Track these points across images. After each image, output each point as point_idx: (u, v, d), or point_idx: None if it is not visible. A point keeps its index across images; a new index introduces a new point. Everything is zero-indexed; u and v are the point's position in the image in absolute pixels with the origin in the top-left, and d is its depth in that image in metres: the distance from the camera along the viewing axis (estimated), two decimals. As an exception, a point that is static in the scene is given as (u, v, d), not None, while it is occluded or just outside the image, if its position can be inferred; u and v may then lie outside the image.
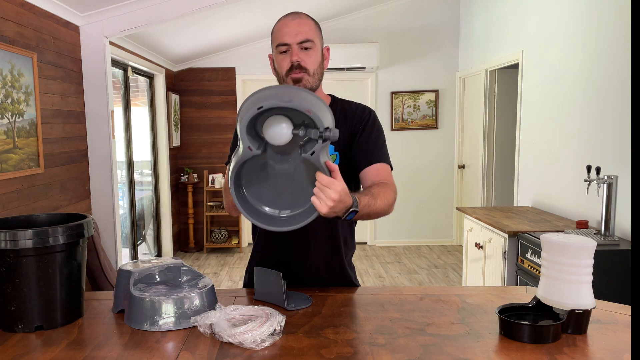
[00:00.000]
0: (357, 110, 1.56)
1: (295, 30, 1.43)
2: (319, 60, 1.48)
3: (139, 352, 1.12)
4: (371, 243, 6.10)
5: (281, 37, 1.44)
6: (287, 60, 1.44)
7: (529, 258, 2.83)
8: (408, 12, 5.76)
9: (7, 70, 2.46)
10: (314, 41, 1.45)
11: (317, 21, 1.50)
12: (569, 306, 1.17)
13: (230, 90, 5.89)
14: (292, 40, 1.43)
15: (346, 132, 1.52)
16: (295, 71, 1.43)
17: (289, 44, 1.43)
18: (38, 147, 2.75)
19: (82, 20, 3.31)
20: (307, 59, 1.44)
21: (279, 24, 1.47)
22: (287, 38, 1.43)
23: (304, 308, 1.36)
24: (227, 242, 5.86)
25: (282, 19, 1.47)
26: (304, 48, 1.43)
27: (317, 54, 1.46)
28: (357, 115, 1.55)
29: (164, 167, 5.39)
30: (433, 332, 1.21)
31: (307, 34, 1.44)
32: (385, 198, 1.36)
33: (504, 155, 4.92)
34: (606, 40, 2.99)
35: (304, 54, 1.44)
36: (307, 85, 1.45)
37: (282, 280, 1.35)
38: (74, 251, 1.31)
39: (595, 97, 3.10)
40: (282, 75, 1.46)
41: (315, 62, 1.46)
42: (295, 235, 1.48)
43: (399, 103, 5.88)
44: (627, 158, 2.78)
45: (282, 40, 1.44)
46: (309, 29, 1.45)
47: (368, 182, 1.49)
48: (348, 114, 1.54)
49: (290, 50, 1.43)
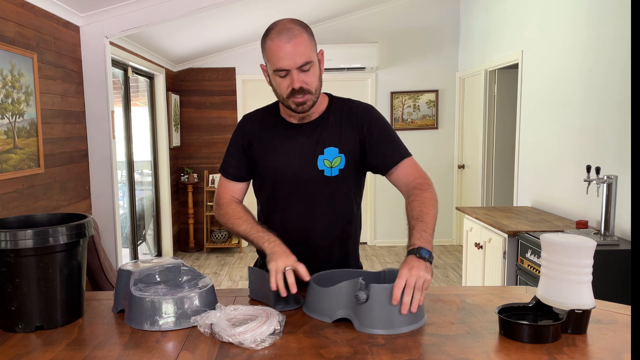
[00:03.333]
0: (358, 110, 1.53)
1: (293, 53, 1.34)
2: (318, 72, 1.42)
3: (139, 352, 1.12)
4: (371, 243, 6.10)
5: (278, 62, 1.35)
6: (287, 83, 1.38)
7: (528, 258, 2.83)
8: (408, 12, 5.76)
9: (8, 70, 2.47)
10: (312, 59, 1.38)
11: (308, 25, 1.42)
12: (569, 306, 1.17)
13: (230, 90, 5.90)
14: (291, 65, 1.35)
15: (349, 131, 1.50)
16: (298, 96, 1.38)
17: (289, 70, 1.36)
18: (38, 147, 2.75)
19: (82, 21, 3.31)
20: (309, 78, 1.38)
21: (273, 45, 1.36)
22: (285, 63, 1.35)
23: (292, 309, 1.35)
24: (227, 242, 5.86)
25: (275, 39, 1.35)
26: (304, 70, 1.37)
27: (316, 68, 1.40)
28: (359, 115, 1.52)
29: (164, 167, 5.39)
30: (433, 332, 1.21)
31: (305, 56, 1.36)
32: (430, 208, 1.38)
33: (504, 155, 4.92)
34: (606, 39, 2.99)
35: (305, 75, 1.37)
36: (310, 103, 1.42)
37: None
38: (74, 251, 1.31)
39: (595, 97, 3.10)
40: (283, 96, 1.41)
41: (316, 78, 1.41)
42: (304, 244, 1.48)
43: (398, 103, 5.88)
44: (627, 158, 2.78)
45: (280, 66, 1.36)
46: (306, 48, 1.36)
47: (402, 186, 1.51)
48: (350, 114, 1.52)
49: (290, 74, 1.37)
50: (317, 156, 1.48)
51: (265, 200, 1.57)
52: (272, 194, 1.54)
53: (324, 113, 1.51)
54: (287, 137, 1.50)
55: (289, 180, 1.49)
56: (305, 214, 1.51)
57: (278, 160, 1.49)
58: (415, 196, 1.42)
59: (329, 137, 1.49)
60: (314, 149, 1.48)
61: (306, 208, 1.51)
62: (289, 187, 1.50)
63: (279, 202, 1.53)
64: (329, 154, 1.48)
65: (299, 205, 1.51)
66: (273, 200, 1.54)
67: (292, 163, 1.48)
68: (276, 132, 1.51)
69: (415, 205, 1.40)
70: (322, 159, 1.48)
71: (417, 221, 1.35)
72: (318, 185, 1.49)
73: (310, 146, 1.48)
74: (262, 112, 1.58)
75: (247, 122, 1.57)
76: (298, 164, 1.48)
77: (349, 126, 1.50)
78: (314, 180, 1.49)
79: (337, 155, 1.48)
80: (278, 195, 1.52)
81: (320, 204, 1.51)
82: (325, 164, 1.48)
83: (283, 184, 1.50)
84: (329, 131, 1.49)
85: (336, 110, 1.52)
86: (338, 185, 1.51)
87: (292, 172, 1.48)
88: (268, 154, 1.51)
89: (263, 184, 1.56)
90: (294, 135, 1.50)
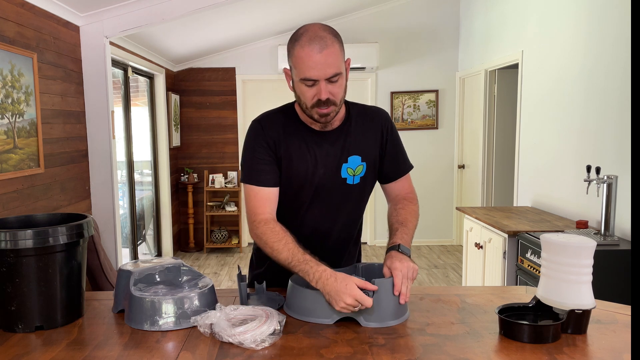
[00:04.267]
0: (376, 116, 1.53)
1: (324, 64, 1.29)
2: (345, 83, 1.37)
3: (139, 352, 1.12)
4: (371, 243, 6.10)
5: (307, 71, 1.30)
6: (313, 93, 1.33)
7: (528, 258, 2.83)
8: (408, 12, 5.76)
9: (7, 70, 2.46)
10: (342, 70, 1.33)
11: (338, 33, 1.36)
12: (569, 306, 1.17)
13: (230, 90, 5.89)
14: (320, 76, 1.30)
15: (371, 138, 1.50)
16: (323, 107, 1.34)
17: (317, 80, 1.31)
18: (38, 147, 2.75)
19: (82, 21, 3.31)
20: (335, 90, 1.33)
21: (303, 53, 1.29)
22: (315, 73, 1.30)
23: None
24: (227, 242, 5.86)
25: (307, 47, 1.29)
26: (332, 81, 1.32)
27: (343, 79, 1.35)
28: (380, 121, 1.52)
29: (164, 167, 5.39)
30: (433, 332, 1.21)
31: (336, 67, 1.30)
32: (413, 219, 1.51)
33: (504, 155, 4.92)
34: (606, 39, 2.99)
35: (332, 86, 1.32)
36: (333, 115, 1.38)
37: (242, 282, 1.37)
38: (74, 251, 1.31)
39: (595, 97, 3.10)
40: (307, 105, 1.36)
41: (342, 89, 1.36)
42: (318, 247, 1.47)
43: (398, 103, 5.88)
44: (627, 158, 2.78)
45: (308, 75, 1.30)
46: (336, 58, 1.30)
47: (392, 195, 1.59)
48: (369, 119, 1.51)
49: (318, 84, 1.32)
50: (342, 164, 1.47)
51: (283, 204, 1.50)
52: (292, 200, 1.49)
53: (345, 120, 1.49)
54: (313, 144, 1.45)
55: (311, 187, 1.46)
56: (323, 219, 1.51)
57: (304, 168, 1.45)
58: (404, 205, 1.53)
59: (353, 145, 1.47)
60: (339, 157, 1.46)
61: (324, 214, 1.50)
62: (310, 193, 1.47)
63: (297, 208, 1.50)
64: (353, 162, 1.47)
65: (318, 211, 1.50)
66: (291, 206, 1.50)
67: (317, 171, 1.45)
68: (302, 139, 1.45)
69: (402, 212, 1.50)
70: (345, 167, 1.47)
71: (400, 225, 1.45)
72: (339, 193, 1.49)
73: (335, 154, 1.46)
74: (281, 117, 1.48)
75: (268, 126, 1.46)
76: (323, 172, 1.46)
77: (370, 132, 1.50)
78: (336, 188, 1.48)
79: (360, 164, 1.48)
80: (298, 201, 1.49)
81: (339, 209, 1.51)
82: (348, 172, 1.48)
83: (305, 190, 1.47)
84: (352, 139, 1.47)
85: (356, 117, 1.50)
86: (357, 192, 1.52)
87: (317, 179, 1.46)
88: (295, 160, 1.44)
89: (284, 191, 1.48)
90: (320, 142, 1.45)
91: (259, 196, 1.42)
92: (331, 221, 1.52)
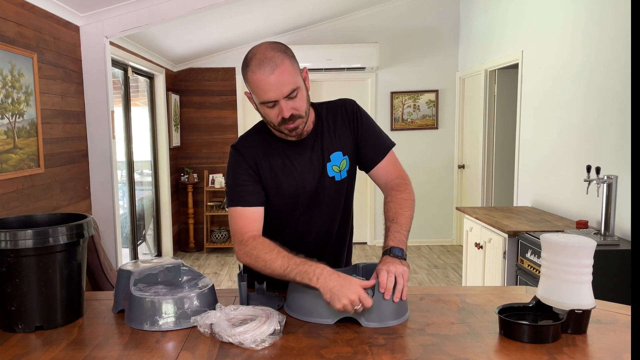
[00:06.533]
0: (342, 107, 1.53)
1: (278, 84, 1.28)
2: (306, 94, 1.38)
3: (139, 352, 1.12)
4: (371, 243, 6.10)
5: (264, 95, 1.30)
6: (276, 112, 1.33)
7: (528, 258, 2.83)
8: (408, 13, 5.76)
9: (7, 70, 2.46)
10: (298, 84, 1.32)
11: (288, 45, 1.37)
12: (569, 306, 1.17)
13: (230, 90, 5.89)
14: (278, 96, 1.30)
15: (344, 131, 1.51)
16: (289, 123, 1.34)
17: (277, 100, 1.31)
18: (38, 147, 2.75)
19: (82, 21, 3.31)
20: (297, 104, 1.33)
21: (256, 78, 1.29)
22: (272, 95, 1.29)
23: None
24: (227, 242, 5.86)
25: (257, 71, 1.28)
26: (292, 97, 1.32)
27: (303, 91, 1.35)
28: (346, 111, 1.53)
29: (164, 167, 5.39)
30: (433, 332, 1.21)
31: (291, 83, 1.30)
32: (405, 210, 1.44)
33: (504, 155, 4.92)
34: (606, 39, 2.99)
35: (293, 102, 1.32)
36: (302, 127, 1.38)
37: (242, 282, 1.36)
38: (74, 251, 1.31)
39: (595, 97, 3.10)
40: (274, 124, 1.37)
41: (304, 101, 1.36)
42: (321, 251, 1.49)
43: (399, 103, 5.88)
44: (627, 158, 2.78)
45: (266, 98, 1.30)
46: (290, 74, 1.30)
47: (382, 184, 1.55)
48: (337, 113, 1.53)
49: (278, 104, 1.32)
50: (326, 164, 1.48)
51: (280, 218, 1.50)
52: (289, 212, 1.50)
53: (317, 121, 1.51)
54: (294, 155, 1.46)
55: (305, 195, 1.48)
56: (323, 221, 1.52)
57: (293, 181, 1.46)
58: (392, 197, 1.48)
59: (331, 143, 1.49)
60: (322, 158, 1.48)
61: (324, 215, 1.52)
62: (305, 201, 1.49)
63: (297, 218, 1.51)
64: (335, 159, 1.49)
65: (317, 215, 1.51)
66: (289, 217, 1.51)
67: (307, 179, 1.47)
68: (282, 153, 1.46)
69: (391, 206, 1.46)
70: (330, 166, 1.49)
71: (391, 223, 1.42)
72: (332, 191, 1.50)
73: (318, 157, 1.48)
74: (257, 137, 1.49)
75: (246, 149, 1.47)
76: (312, 178, 1.47)
77: (342, 125, 1.51)
78: (328, 188, 1.49)
79: (343, 158, 1.50)
80: (296, 211, 1.50)
81: (335, 207, 1.53)
82: (334, 169, 1.49)
83: (300, 199, 1.48)
84: (328, 137, 1.49)
85: (326, 115, 1.52)
86: (347, 187, 1.54)
87: (309, 187, 1.47)
88: (281, 177, 1.45)
89: (279, 205, 1.48)
90: (300, 151, 1.47)
91: (244, 216, 1.41)
92: (331, 220, 1.54)
